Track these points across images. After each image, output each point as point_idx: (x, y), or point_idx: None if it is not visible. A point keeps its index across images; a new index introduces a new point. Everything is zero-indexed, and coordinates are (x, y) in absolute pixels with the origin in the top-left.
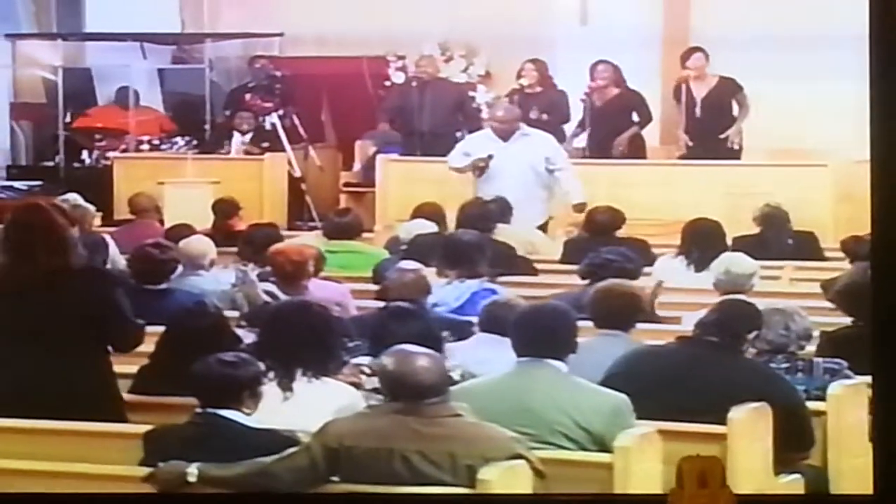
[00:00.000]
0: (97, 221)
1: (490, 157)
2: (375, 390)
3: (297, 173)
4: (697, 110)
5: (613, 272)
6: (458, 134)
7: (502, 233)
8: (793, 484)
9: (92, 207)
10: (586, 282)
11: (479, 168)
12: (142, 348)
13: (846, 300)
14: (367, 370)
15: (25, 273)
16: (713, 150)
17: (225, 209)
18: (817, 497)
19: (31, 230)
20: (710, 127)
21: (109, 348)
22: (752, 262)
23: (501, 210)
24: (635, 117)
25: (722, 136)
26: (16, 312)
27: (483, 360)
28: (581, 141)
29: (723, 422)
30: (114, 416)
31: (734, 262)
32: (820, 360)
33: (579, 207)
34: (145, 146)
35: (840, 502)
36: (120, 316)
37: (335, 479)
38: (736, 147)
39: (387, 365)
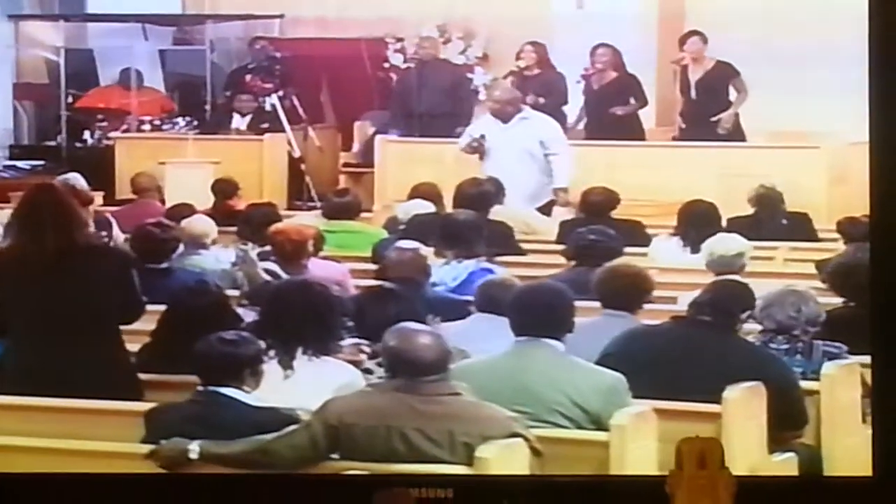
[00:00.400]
0: (98, 201)
1: (482, 136)
2: (367, 371)
3: (297, 154)
4: (692, 93)
5: (601, 252)
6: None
7: (499, 213)
8: (787, 462)
9: (87, 186)
10: (573, 263)
11: (473, 148)
12: (143, 326)
13: (837, 280)
14: (366, 349)
15: (37, 252)
16: (707, 132)
17: (224, 189)
18: (816, 479)
19: (43, 209)
20: (704, 110)
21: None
22: (738, 242)
23: (494, 191)
24: (632, 101)
25: (714, 118)
26: (29, 292)
27: (478, 338)
28: (581, 123)
29: (717, 401)
30: (130, 391)
31: (719, 243)
32: (819, 342)
33: (559, 192)
34: (146, 126)
35: (839, 484)
36: (131, 292)
37: (335, 456)
38: (724, 132)
39: (388, 341)
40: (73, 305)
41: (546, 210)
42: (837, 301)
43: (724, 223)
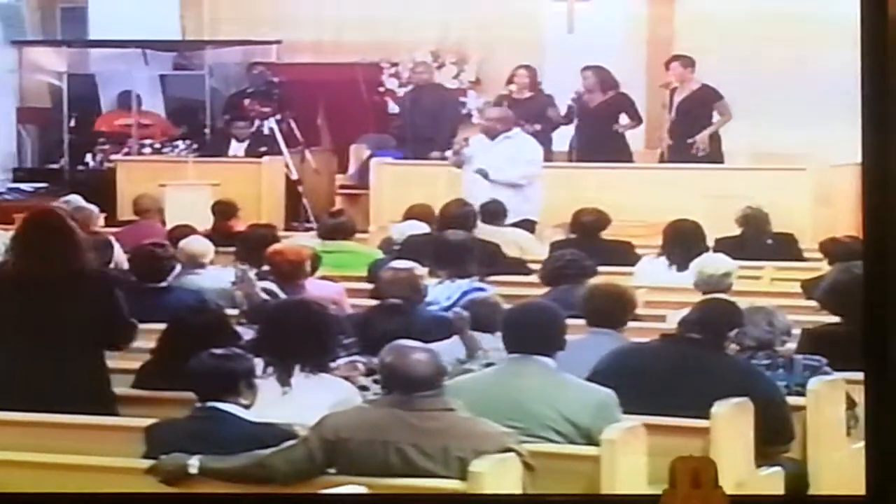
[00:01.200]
0: (101, 222)
1: (465, 139)
2: (363, 388)
3: (294, 176)
4: (674, 114)
5: (575, 270)
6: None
7: (493, 235)
8: (773, 476)
9: (96, 209)
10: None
11: (457, 154)
12: (144, 345)
13: (832, 300)
14: (361, 366)
15: (39, 273)
16: (686, 153)
17: (224, 210)
18: (810, 498)
19: (48, 233)
20: (683, 131)
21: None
22: (726, 262)
23: (495, 212)
24: (623, 119)
25: (689, 140)
26: (25, 310)
27: (462, 355)
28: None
29: (706, 416)
30: (106, 410)
31: (706, 262)
32: (800, 356)
33: (487, 175)
34: (147, 149)
35: (833, 503)
36: (121, 316)
37: (332, 470)
38: (700, 153)
39: (384, 358)
40: (54, 325)
41: (524, 228)
42: (820, 319)
43: (710, 243)
